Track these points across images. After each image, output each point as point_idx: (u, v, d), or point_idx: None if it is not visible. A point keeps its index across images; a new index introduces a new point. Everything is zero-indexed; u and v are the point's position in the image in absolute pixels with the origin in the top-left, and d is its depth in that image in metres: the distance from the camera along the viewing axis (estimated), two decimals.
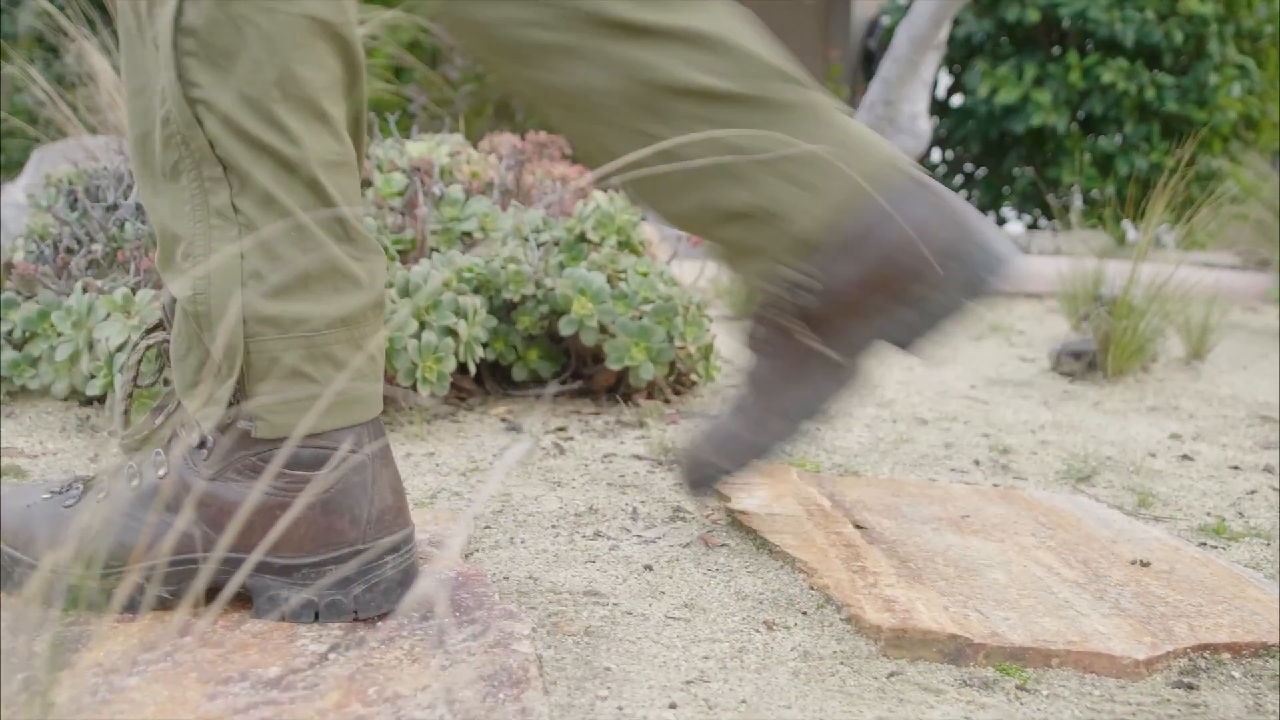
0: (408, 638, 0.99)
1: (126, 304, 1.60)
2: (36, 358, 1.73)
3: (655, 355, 1.84)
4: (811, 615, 1.11)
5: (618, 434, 1.76)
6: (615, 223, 1.97)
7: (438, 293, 1.66)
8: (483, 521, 1.34)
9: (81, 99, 3.38)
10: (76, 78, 3.39)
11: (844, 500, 1.45)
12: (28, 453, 1.56)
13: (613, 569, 1.21)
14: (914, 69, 4.21)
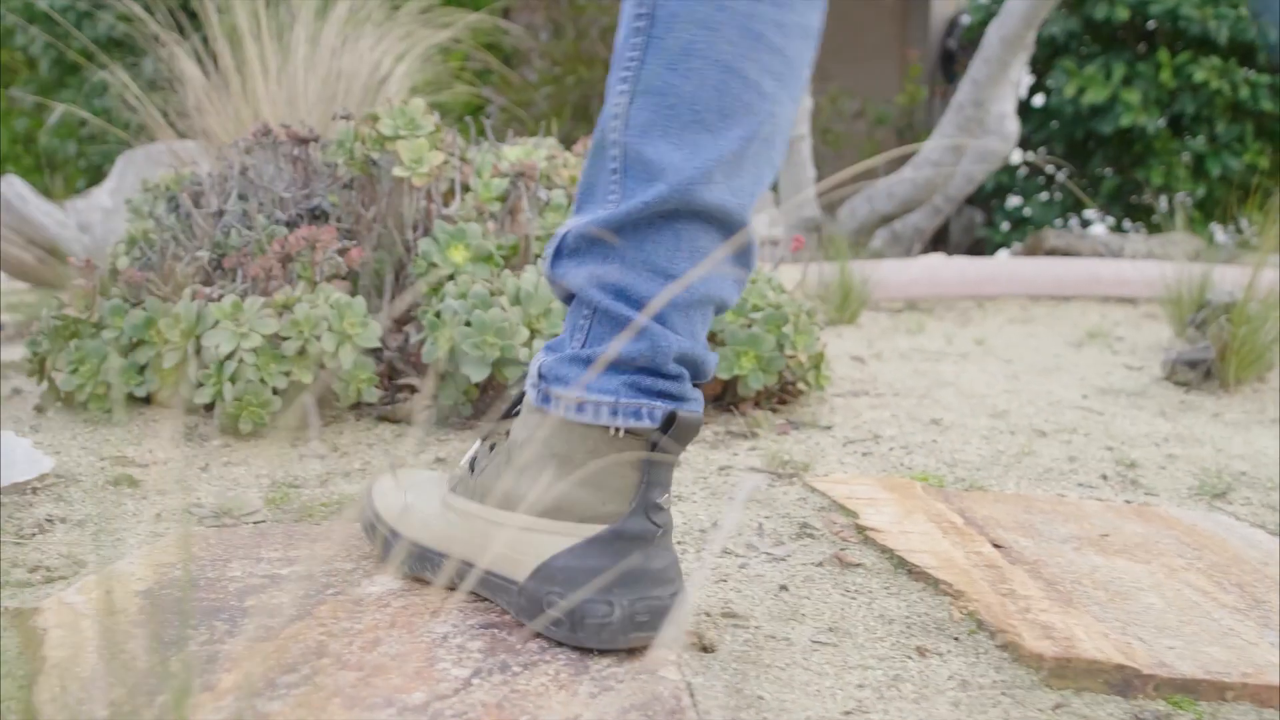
0: (550, 662, 0.96)
1: (235, 311, 1.58)
2: (143, 365, 1.72)
3: (765, 364, 1.79)
4: (964, 641, 1.06)
5: (729, 445, 1.72)
6: None
7: (548, 300, 1.63)
8: None
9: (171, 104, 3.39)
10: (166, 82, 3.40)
11: (975, 517, 1.40)
12: (139, 461, 1.55)
13: (747, 589, 1.17)
14: (1004, 69, 4.13)
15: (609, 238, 0.97)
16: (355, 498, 1.42)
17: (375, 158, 1.79)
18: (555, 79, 5.28)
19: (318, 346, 1.58)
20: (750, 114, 0.96)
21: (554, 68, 5.27)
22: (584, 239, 0.99)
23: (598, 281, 0.98)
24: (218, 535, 1.26)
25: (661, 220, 0.96)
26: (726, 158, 0.96)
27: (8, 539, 1.26)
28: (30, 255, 4.33)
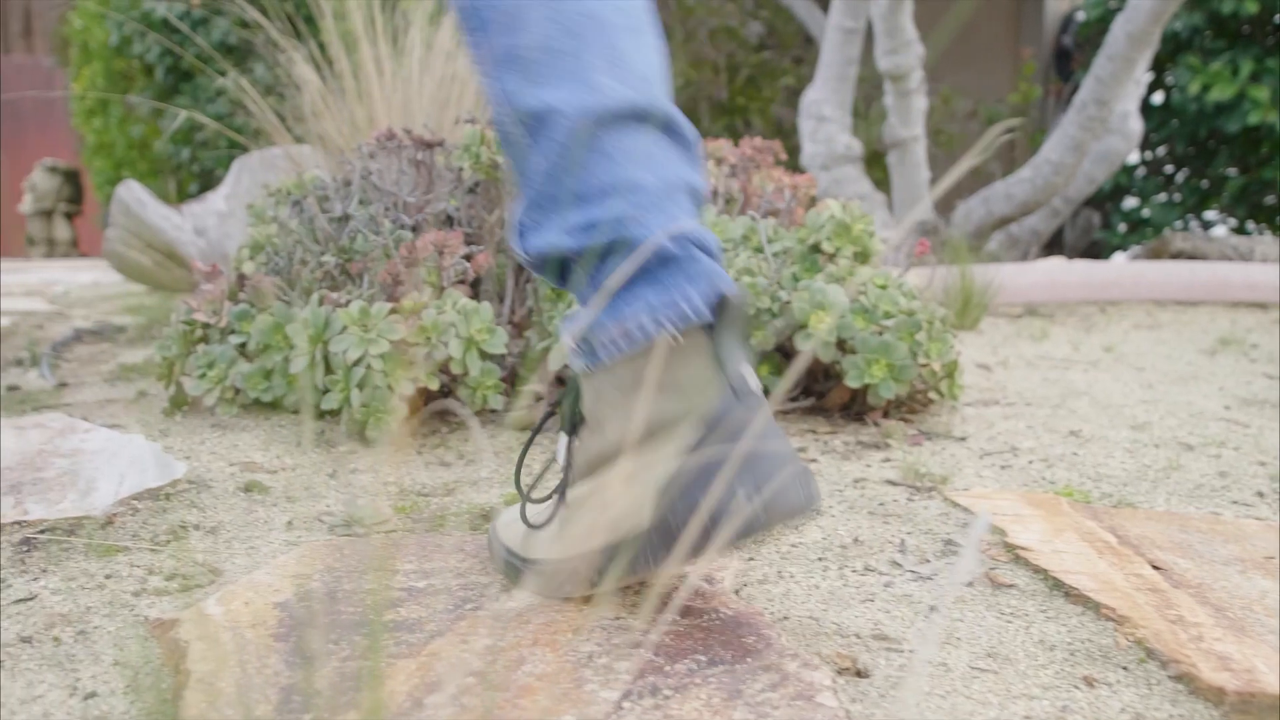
0: (701, 685, 0.92)
1: (364, 317, 1.57)
2: (270, 370, 1.72)
3: (897, 373, 1.74)
4: (1133, 671, 1.00)
5: (860, 456, 1.67)
6: (851, 232, 1.88)
7: None
8: (745, 552, 1.26)
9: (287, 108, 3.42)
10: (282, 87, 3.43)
11: (1128, 536, 1.33)
12: (267, 467, 1.55)
13: (896, 609, 1.12)
14: (1129, 67, 4.01)
15: (554, 190, 0.99)
16: (486, 509, 1.40)
17: (500, 161, 1.77)
18: None
19: (444, 352, 1.56)
20: (594, 20, 0.99)
21: None
22: (535, 206, 1.01)
23: (567, 229, 0.99)
24: (351, 545, 1.24)
25: (584, 152, 0.97)
26: (600, 64, 0.98)
27: (143, 545, 1.26)
28: (148, 258, 4.42)
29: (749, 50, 5.39)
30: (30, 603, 1.11)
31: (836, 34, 4.56)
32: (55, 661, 0.98)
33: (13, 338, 3.19)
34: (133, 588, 1.15)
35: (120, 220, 4.42)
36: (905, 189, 4.64)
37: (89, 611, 1.09)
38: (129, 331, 3.20)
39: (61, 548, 1.25)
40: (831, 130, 4.57)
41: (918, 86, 4.52)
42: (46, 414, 1.92)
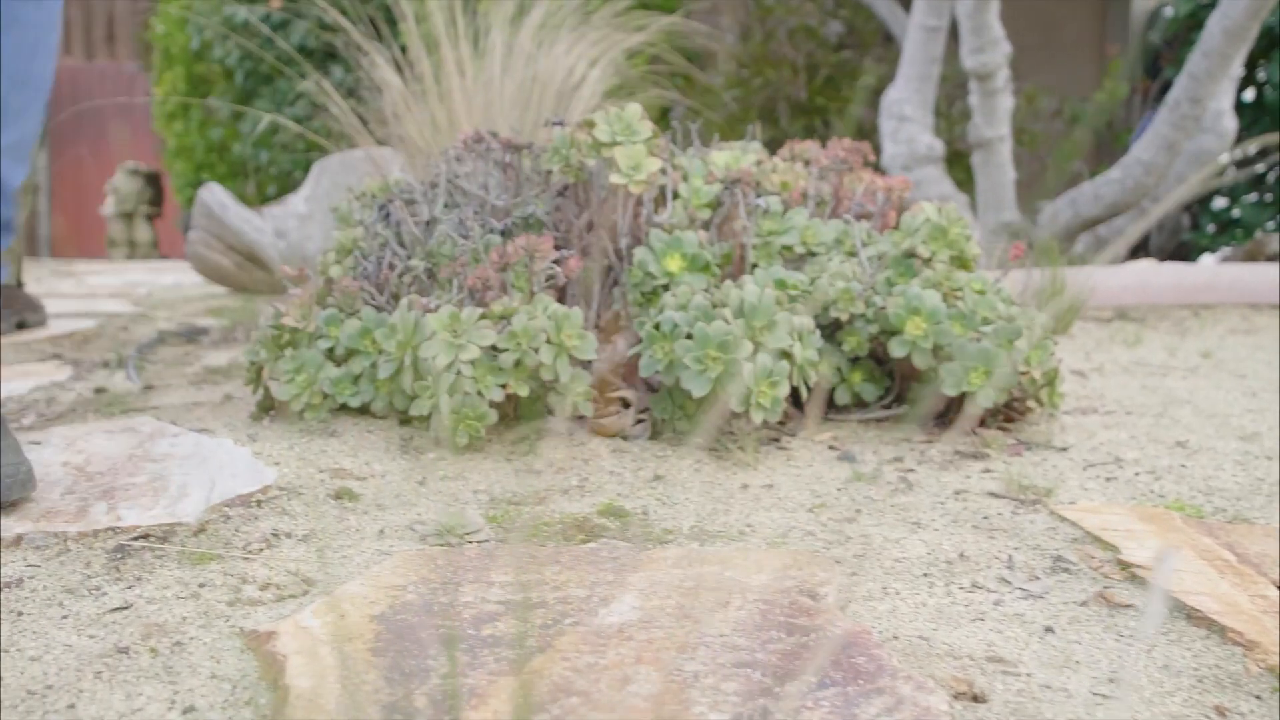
0: (813, 709, 0.89)
1: (453, 322, 1.55)
2: (358, 375, 1.71)
3: (996, 380, 1.69)
4: (1267, 701, 0.95)
5: (959, 466, 1.62)
6: (948, 236, 1.83)
7: (772, 313, 1.56)
8: (847, 567, 1.22)
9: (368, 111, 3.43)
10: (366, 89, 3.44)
11: (1248, 554, 1.27)
12: (356, 474, 1.53)
13: (1008, 629, 1.08)
14: (1225, 63, 3.90)
15: None
16: (579, 518, 1.37)
17: (591, 164, 1.74)
18: (742, 81, 5.20)
19: (535, 359, 1.54)
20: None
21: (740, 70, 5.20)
22: None
23: None
24: (444, 556, 1.22)
25: None
26: None
27: (236, 553, 1.25)
28: (229, 261, 4.46)
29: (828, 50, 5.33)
30: (125, 611, 1.10)
31: (919, 32, 4.49)
32: (153, 673, 0.97)
33: (99, 339, 3.22)
34: (227, 597, 1.14)
35: (202, 223, 4.46)
36: (989, 190, 4.56)
37: (185, 622, 1.07)
38: (212, 334, 3.22)
39: (155, 555, 1.25)
40: (913, 130, 4.50)
41: (1004, 85, 4.44)
42: (135, 417, 1.93)
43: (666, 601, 1.09)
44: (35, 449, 1.66)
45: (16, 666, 0.99)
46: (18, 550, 1.27)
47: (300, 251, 4.34)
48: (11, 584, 1.17)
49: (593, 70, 3.26)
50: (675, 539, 1.30)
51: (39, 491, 1.44)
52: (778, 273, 1.73)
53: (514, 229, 1.79)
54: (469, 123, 3.03)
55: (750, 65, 5.25)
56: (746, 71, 5.25)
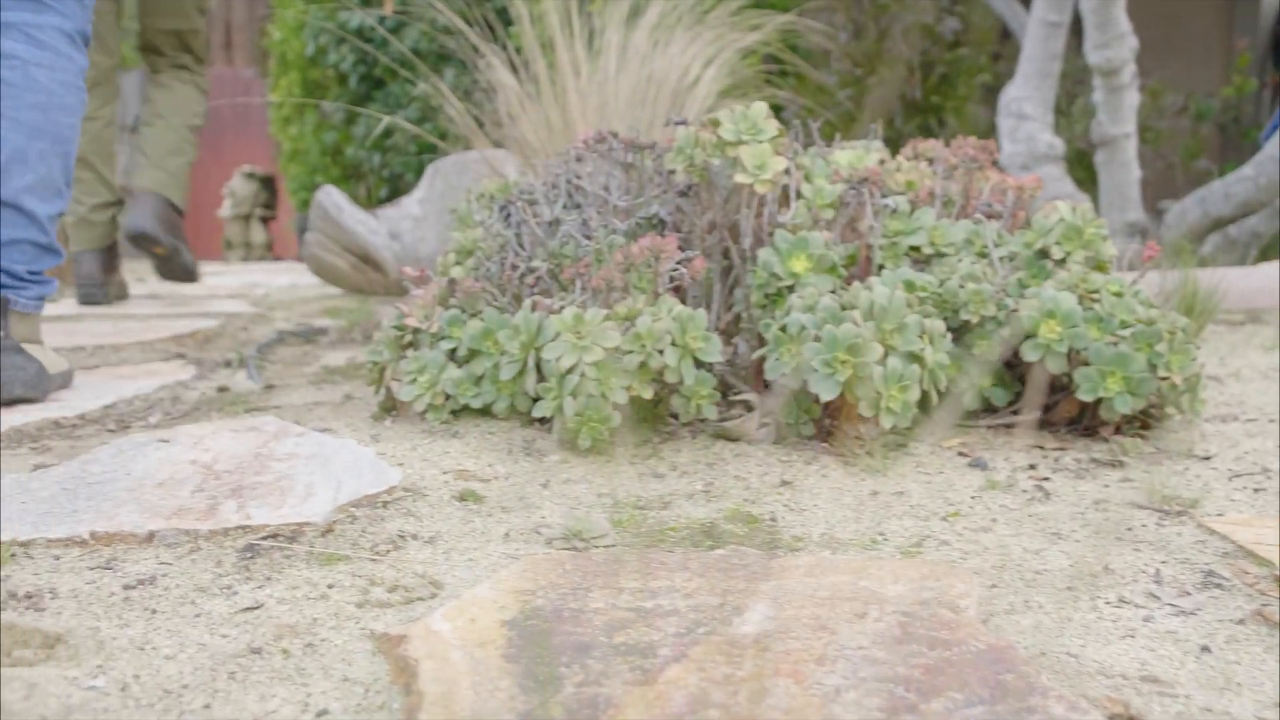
0: None
1: (577, 324, 1.54)
2: (480, 376, 1.70)
3: (1134, 386, 1.63)
4: None
5: (1096, 475, 1.56)
6: (1083, 236, 1.77)
7: (901, 315, 1.52)
8: (986, 579, 1.18)
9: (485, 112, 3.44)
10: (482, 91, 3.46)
11: None
12: (480, 476, 1.52)
13: (1161, 648, 1.03)
14: None
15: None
16: (706, 523, 1.34)
17: (714, 164, 1.72)
18: (855, 80, 5.13)
19: (659, 361, 1.52)
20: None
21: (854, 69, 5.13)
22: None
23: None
24: (572, 560, 1.21)
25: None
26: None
27: (364, 554, 1.25)
28: (344, 262, 4.51)
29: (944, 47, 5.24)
30: (257, 611, 1.10)
31: (1039, 28, 4.39)
32: (285, 675, 0.96)
33: (220, 339, 3.28)
34: (355, 599, 1.13)
35: (319, 224, 4.53)
36: (1113, 189, 4.43)
37: (315, 623, 1.07)
38: (330, 334, 3.26)
39: (284, 554, 1.25)
40: (1032, 129, 4.40)
41: (1130, 81, 4.31)
42: (258, 416, 1.95)
43: (801, 611, 1.06)
44: (164, 447, 1.68)
45: (152, 665, 0.99)
46: (150, 547, 1.28)
47: (414, 253, 4.38)
48: (145, 581, 1.18)
49: (707, 70, 3.23)
50: (806, 546, 1.27)
51: (170, 489, 1.46)
52: (906, 274, 1.68)
53: (637, 229, 1.77)
54: (584, 123, 3.02)
55: (864, 64, 5.17)
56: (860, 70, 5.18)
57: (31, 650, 1.03)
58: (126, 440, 1.74)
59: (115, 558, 1.25)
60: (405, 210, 4.49)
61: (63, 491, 1.47)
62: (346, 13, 7.14)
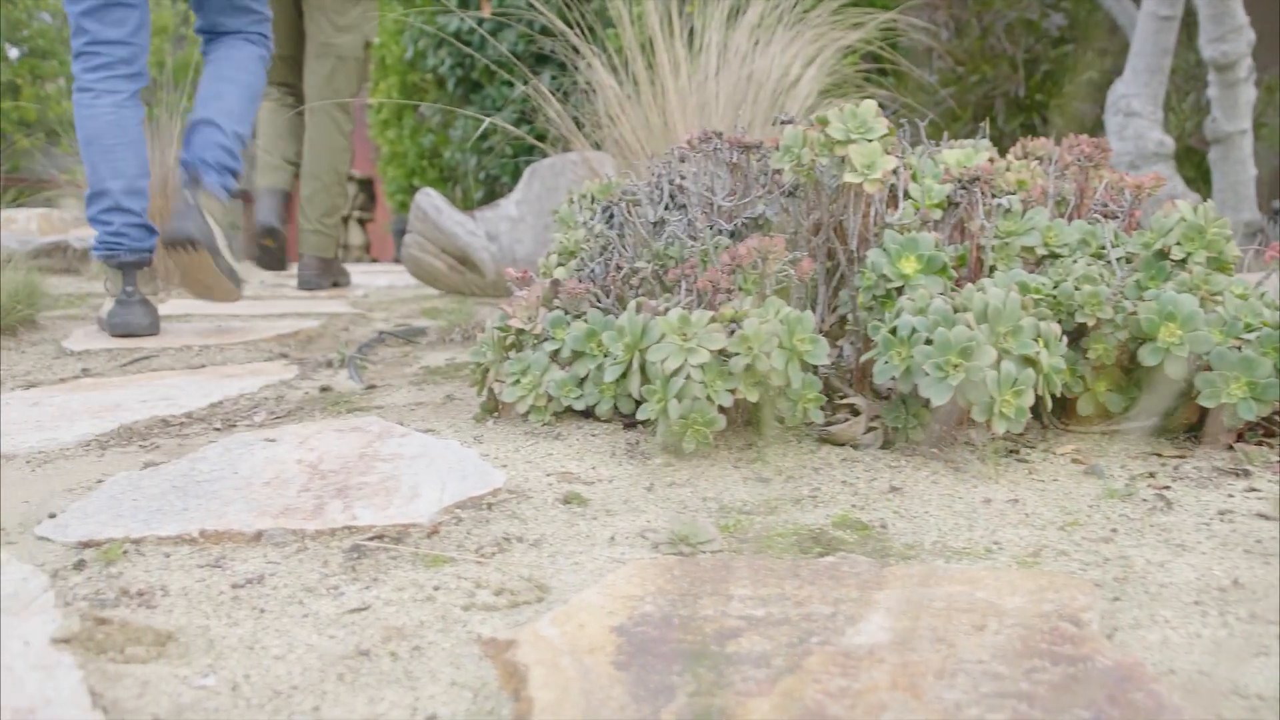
0: None
1: (684, 325, 1.52)
2: (583, 377, 1.69)
3: (1259, 392, 1.56)
4: None
5: (1219, 484, 1.50)
6: (1205, 236, 1.71)
7: (1017, 317, 1.47)
8: (1108, 591, 1.14)
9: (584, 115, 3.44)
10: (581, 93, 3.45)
11: None
12: (583, 478, 1.51)
13: None
14: None
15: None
16: (814, 530, 1.32)
17: (824, 163, 1.68)
18: (957, 79, 5.04)
19: (766, 363, 1.49)
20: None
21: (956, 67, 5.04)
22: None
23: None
24: (679, 566, 1.19)
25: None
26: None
27: (469, 556, 1.24)
28: (442, 263, 4.55)
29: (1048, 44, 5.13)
30: (364, 613, 1.10)
31: (1150, 22, 4.28)
32: (394, 678, 0.96)
33: (321, 339, 3.32)
34: (461, 601, 1.12)
35: (418, 226, 4.57)
36: (1227, 188, 4.31)
37: (422, 626, 1.06)
38: (430, 335, 3.27)
39: (389, 555, 1.25)
40: (1141, 126, 4.29)
41: (1247, 76, 4.19)
42: (361, 416, 1.96)
43: (917, 623, 1.03)
44: (270, 446, 1.69)
45: (261, 665, 0.99)
46: (258, 546, 1.29)
47: (510, 254, 4.40)
48: (253, 580, 1.18)
49: (808, 69, 3.20)
50: (918, 555, 1.24)
51: (277, 488, 1.46)
52: (1019, 275, 1.64)
53: (741, 230, 1.75)
54: (683, 124, 3.00)
55: (967, 62, 5.08)
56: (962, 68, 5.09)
57: (143, 648, 1.03)
58: (233, 439, 1.76)
59: (224, 556, 1.26)
60: (503, 212, 4.51)
61: (172, 489, 1.49)
62: (445, 16, 7.21)
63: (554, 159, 4.31)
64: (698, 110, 3.04)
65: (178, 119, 5.07)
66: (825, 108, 3.27)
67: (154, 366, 2.78)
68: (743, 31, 3.13)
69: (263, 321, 3.65)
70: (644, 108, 3.11)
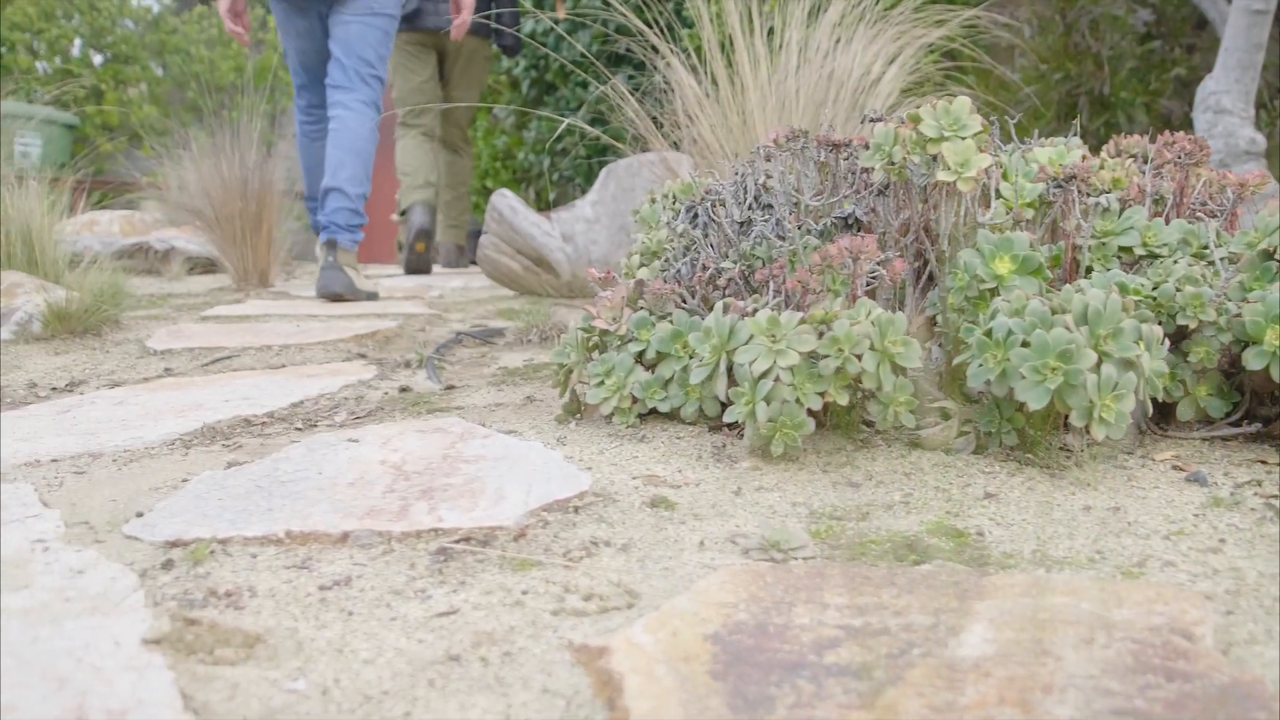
0: None
1: (773, 327, 1.49)
2: (668, 379, 1.67)
3: None
4: None
5: None
6: None
7: (1118, 319, 1.43)
8: (1220, 604, 1.09)
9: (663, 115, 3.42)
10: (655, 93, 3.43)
11: None
12: (670, 482, 1.49)
13: None
14: None
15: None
16: (909, 537, 1.28)
17: (915, 162, 1.65)
18: (1040, 76, 4.95)
19: (856, 366, 1.46)
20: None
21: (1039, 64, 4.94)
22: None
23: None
24: (772, 572, 1.16)
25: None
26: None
27: (556, 560, 1.22)
28: (517, 264, 4.55)
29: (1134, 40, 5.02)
30: (453, 617, 1.08)
31: (1242, 16, 4.17)
32: (484, 684, 0.94)
33: (398, 340, 3.33)
34: (550, 606, 1.10)
35: (494, 227, 4.57)
36: None
37: (512, 631, 1.04)
38: (507, 335, 3.27)
39: (476, 559, 1.23)
40: (1232, 123, 4.19)
41: None
42: (442, 417, 1.95)
43: (1021, 635, 1.00)
44: (353, 446, 1.69)
45: (351, 669, 0.98)
46: (344, 548, 1.28)
47: (586, 256, 4.39)
48: (340, 582, 1.17)
49: (890, 67, 3.15)
50: (1017, 564, 1.20)
51: (361, 489, 1.46)
52: (1117, 276, 1.59)
53: (830, 230, 1.71)
54: (763, 123, 2.97)
55: (1050, 59, 4.98)
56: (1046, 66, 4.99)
57: (232, 649, 1.03)
58: (316, 439, 1.76)
59: (310, 557, 1.25)
60: (578, 213, 4.51)
61: (257, 489, 1.49)
62: (520, 18, 7.24)
63: (630, 159, 4.30)
64: (777, 109, 3.00)
65: (257, 120, 5.14)
66: (907, 106, 3.23)
67: (234, 366, 2.80)
68: (824, 29, 3.09)
69: (341, 322, 3.67)
70: (723, 106, 3.08)
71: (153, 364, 2.86)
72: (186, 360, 2.89)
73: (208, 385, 2.49)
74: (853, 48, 3.05)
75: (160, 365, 2.83)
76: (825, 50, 3.06)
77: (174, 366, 2.81)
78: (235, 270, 5.16)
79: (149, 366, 2.82)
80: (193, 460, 1.73)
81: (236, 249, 5.09)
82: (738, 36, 3.03)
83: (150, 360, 2.92)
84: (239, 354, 2.97)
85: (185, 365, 2.82)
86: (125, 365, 2.85)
